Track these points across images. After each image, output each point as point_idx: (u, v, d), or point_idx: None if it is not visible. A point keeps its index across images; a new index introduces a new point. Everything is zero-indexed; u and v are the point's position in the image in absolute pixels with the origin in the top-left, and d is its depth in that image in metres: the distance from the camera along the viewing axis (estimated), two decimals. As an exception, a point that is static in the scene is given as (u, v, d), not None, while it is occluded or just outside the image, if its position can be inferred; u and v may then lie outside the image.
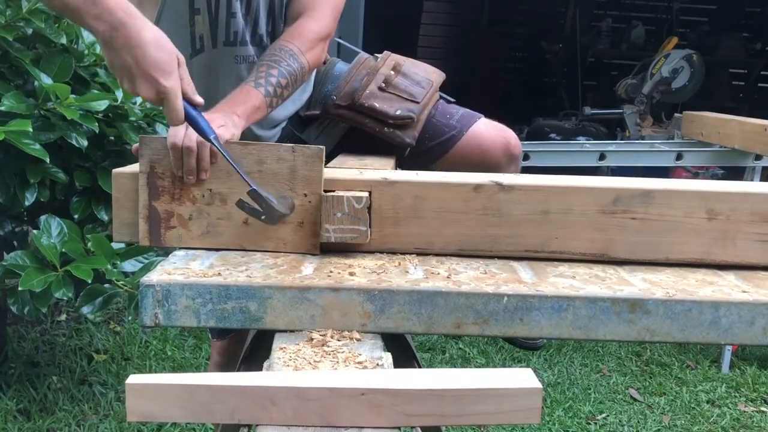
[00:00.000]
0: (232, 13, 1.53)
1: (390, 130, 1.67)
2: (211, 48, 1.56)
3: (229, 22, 1.54)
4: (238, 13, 1.54)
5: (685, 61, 4.80)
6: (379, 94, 1.68)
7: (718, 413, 3.00)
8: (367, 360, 0.94)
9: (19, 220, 2.54)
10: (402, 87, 1.70)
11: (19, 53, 2.22)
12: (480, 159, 1.71)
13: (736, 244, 1.25)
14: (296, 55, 1.47)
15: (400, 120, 1.66)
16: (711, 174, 3.92)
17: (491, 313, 1.06)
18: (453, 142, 1.72)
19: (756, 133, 2.95)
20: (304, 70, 1.49)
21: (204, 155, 1.21)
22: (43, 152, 2.11)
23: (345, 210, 1.19)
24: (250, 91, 1.39)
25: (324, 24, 1.54)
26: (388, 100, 1.67)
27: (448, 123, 1.74)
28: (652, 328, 1.07)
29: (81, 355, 3.12)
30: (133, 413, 0.81)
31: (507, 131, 1.76)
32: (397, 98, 1.68)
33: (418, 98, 1.69)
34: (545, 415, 2.90)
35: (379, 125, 1.67)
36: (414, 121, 1.67)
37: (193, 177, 1.22)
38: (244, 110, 1.35)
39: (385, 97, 1.68)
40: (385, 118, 1.66)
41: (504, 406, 0.82)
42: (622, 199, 1.24)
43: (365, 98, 1.66)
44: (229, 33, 1.56)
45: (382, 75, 1.70)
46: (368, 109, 1.66)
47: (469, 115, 1.77)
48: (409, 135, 1.68)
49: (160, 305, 1.06)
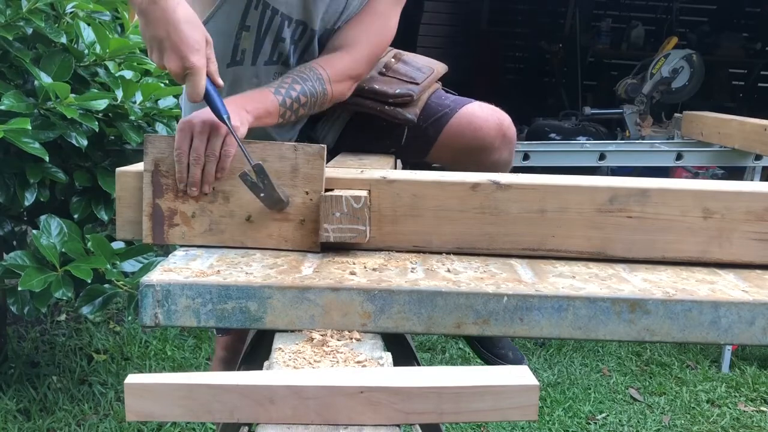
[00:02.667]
0: (281, 38, 1.55)
1: (391, 108, 1.69)
2: (250, 65, 1.58)
3: (276, 45, 1.56)
4: (287, 39, 1.55)
5: (685, 61, 4.80)
6: (379, 78, 1.72)
7: (718, 413, 3.00)
8: (367, 360, 0.94)
9: (19, 220, 2.54)
10: (402, 72, 1.74)
11: (19, 53, 2.22)
12: (472, 137, 1.71)
13: (732, 242, 1.25)
14: (324, 81, 1.49)
15: (400, 98, 1.68)
16: (711, 174, 3.92)
17: (491, 313, 1.06)
18: (446, 120, 1.72)
19: (756, 133, 2.95)
20: (326, 98, 1.51)
21: (209, 170, 1.22)
22: (42, 151, 2.11)
23: (344, 209, 1.20)
24: (268, 95, 1.40)
25: (359, 64, 1.57)
26: (388, 82, 1.71)
27: (442, 103, 1.76)
28: (652, 328, 1.07)
29: (81, 355, 3.12)
30: (132, 413, 0.81)
31: (501, 112, 1.76)
32: (397, 80, 1.71)
33: (418, 80, 1.72)
34: (545, 414, 2.90)
35: (379, 104, 1.70)
36: (414, 99, 1.69)
37: (197, 189, 1.22)
38: (255, 109, 1.35)
39: (384, 80, 1.71)
40: (385, 97, 1.69)
41: (501, 404, 0.82)
42: (619, 197, 1.24)
43: (365, 82, 1.69)
44: (273, 54, 1.57)
45: (383, 62, 1.74)
46: (368, 91, 1.69)
47: (463, 98, 1.79)
48: (410, 112, 1.70)
49: (160, 305, 1.06)
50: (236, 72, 1.58)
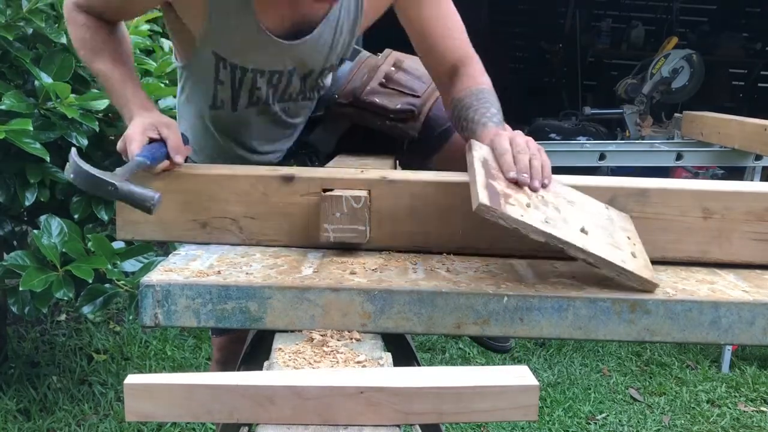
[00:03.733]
0: (257, 87, 1.55)
1: (392, 123, 1.68)
2: (231, 111, 1.60)
3: (252, 93, 1.57)
4: (263, 87, 1.56)
5: (685, 61, 4.80)
6: (380, 90, 1.71)
7: (718, 413, 3.00)
8: (367, 360, 0.94)
9: (19, 220, 2.54)
10: (403, 82, 1.72)
11: (19, 53, 2.22)
12: None
13: (732, 242, 1.25)
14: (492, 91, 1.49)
15: (401, 114, 1.68)
16: (711, 174, 3.92)
17: (491, 313, 1.06)
18: (449, 134, 1.71)
19: (756, 133, 2.95)
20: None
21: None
22: (43, 151, 2.11)
23: (344, 209, 1.20)
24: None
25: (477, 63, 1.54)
26: (389, 96, 1.70)
27: (444, 116, 1.75)
28: (652, 328, 1.07)
29: (81, 355, 3.12)
30: (132, 413, 0.81)
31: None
32: (398, 93, 1.70)
33: (419, 92, 1.71)
34: (545, 414, 2.90)
35: (380, 119, 1.70)
36: (415, 114, 1.69)
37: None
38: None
39: (385, 93, 1.70)
40: (386, 112, 1.68)
41: (501, 404, 0.82)
42: (619, 198, 1.24)
43: (366, 95, 1.69)
44: (251, 99, 1.58)
45: (383, 71, 1.73)
46: (369, 104, 1.69)
47: None
48: (412, 127, 1.69)
49: (160, 305, 1.06)
50: (219, 114, 1.61)
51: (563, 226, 1.08)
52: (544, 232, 1.04)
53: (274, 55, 1.50)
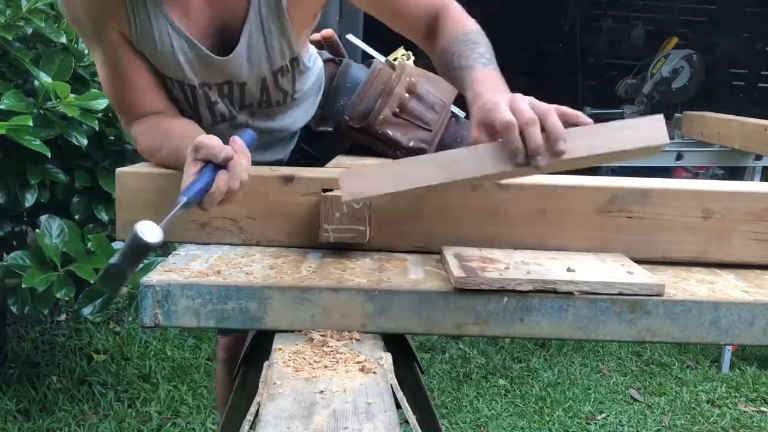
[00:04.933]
0: (213, 101, 1.50)
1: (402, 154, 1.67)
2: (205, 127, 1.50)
3: (212, 109, 1.51)
4: (219, 102, 1.50)
5: (685, 61, 4.80)
6: (393, 120, 1.68)
7: (718, 413, 3.00)
8: (367, 360, 0.95)
9: (19, 221, 2.54)
10: (416, 113, 1.69)
11: (19, 52, 2.22)
12: None
13: (732, 242, 1.25)
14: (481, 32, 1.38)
15: (413, 151, 1.67)
16: (711, 174, 3.93)
17: (491, 314, 1.06)
18: None
19: (756, 133, 2.95)
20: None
21: None
22: (43, 147, 2.10)
23: (344, 209, 1.20)
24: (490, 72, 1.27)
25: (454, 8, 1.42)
26: (401, 128, 1.68)
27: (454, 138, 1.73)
28: (652, 328, 1.07)
29: (81, 355, 3.12)
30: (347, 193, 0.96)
31: None
32: (411, 125, 1.69)
33: (432, 126, 1.69)
34: (545, 415, 2.90)
35: (391, 150, 1.69)
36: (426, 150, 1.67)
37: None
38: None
39: (398, 124, 1.68)
40: (398, 146, 1.68)
41: None
42: (619, 198, 1.24)
43: (379, 124, 1.67)
44: (214, 116, 1.52)
45: (397, 98, 1.68)
46: (382, 135, 1.68)
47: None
48: None
49: (160, 305, 1.06)
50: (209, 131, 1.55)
51: (547, 271, 1.10)
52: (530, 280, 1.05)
53: (208, 65, 1.43)
